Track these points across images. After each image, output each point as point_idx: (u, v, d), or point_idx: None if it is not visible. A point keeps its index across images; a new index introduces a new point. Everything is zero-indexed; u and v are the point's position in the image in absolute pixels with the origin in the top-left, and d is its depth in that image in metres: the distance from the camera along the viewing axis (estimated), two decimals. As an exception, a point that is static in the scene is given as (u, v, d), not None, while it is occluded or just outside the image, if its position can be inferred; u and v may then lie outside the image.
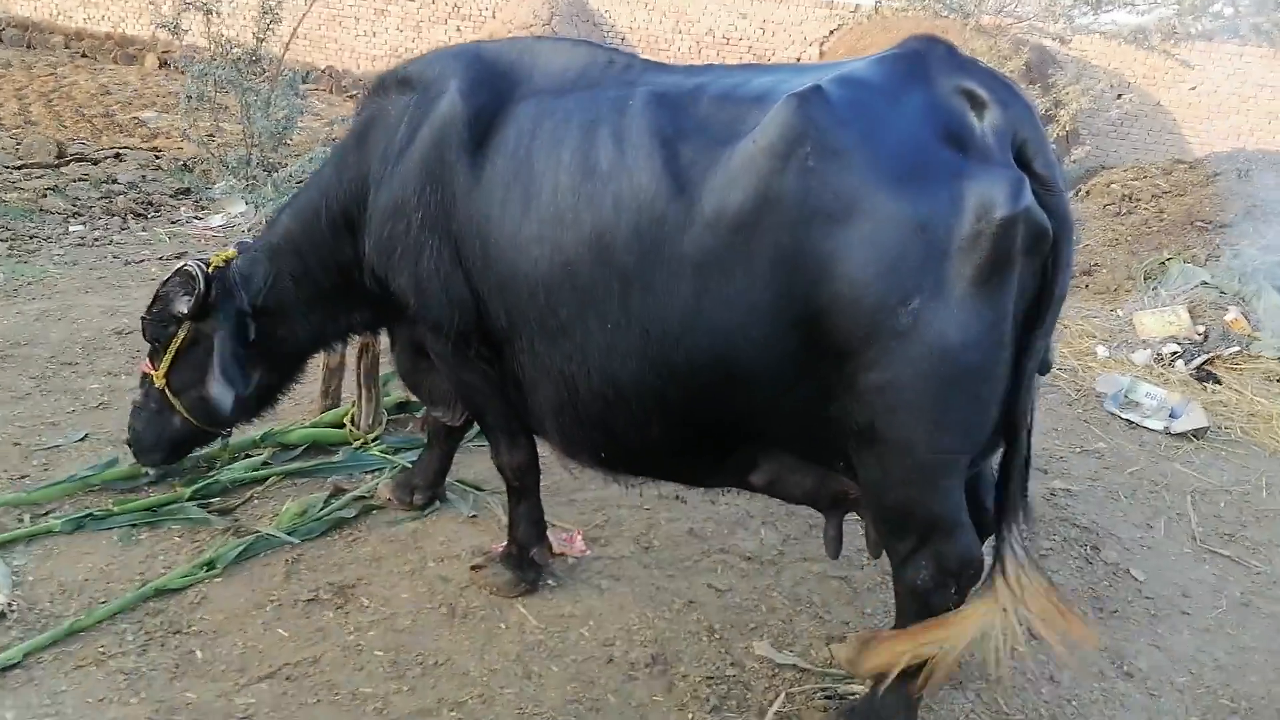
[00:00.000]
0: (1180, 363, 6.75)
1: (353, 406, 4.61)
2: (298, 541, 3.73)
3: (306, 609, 3.39)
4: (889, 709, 2.90)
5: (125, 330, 5.55)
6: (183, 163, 10.16)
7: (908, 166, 2.48)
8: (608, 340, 2.76)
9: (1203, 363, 6.71)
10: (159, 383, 3.57)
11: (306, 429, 4.57)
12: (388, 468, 4.36)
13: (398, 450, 4.52)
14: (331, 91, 18.06)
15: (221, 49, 8.61)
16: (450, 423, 3.84)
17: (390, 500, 4.08)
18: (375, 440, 4.58)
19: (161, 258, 7.25)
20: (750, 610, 3.64)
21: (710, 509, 4.24)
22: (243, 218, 8.49)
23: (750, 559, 3.95)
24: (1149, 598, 4.03)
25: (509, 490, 3.56)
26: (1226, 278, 7.59)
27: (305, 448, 4.50)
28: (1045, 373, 2.88)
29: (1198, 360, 6.73)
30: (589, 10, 17.93)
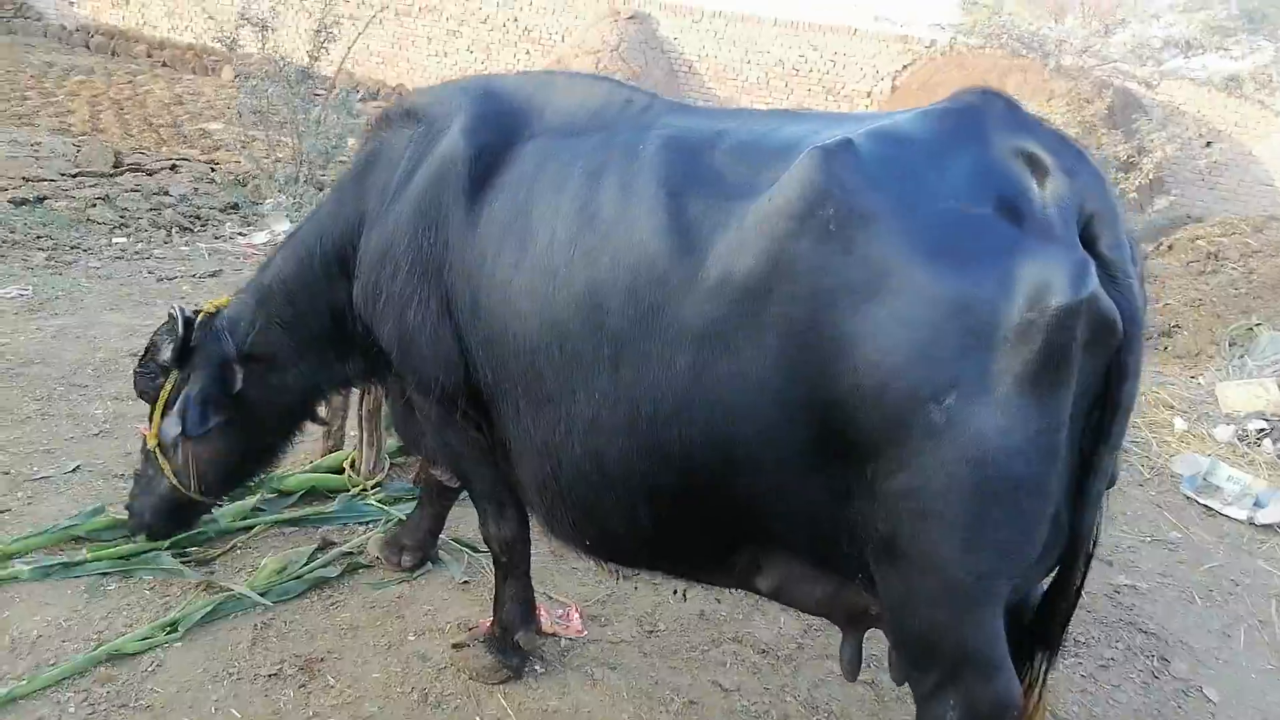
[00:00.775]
0: (1268, 442, 6.15)
1: (355, 450, 4.34)
2: (269, 604, 3.44)
3: (267, 685, 3.09)
4: None
5: (141, 352, 5.37)
6: (236, 177, 10.13)
7: (950, 238, 2.08)
8: (594, 413, 2.41)
9: (1293, 444, 6.11)
10: (150, 443, 3.30)
11: (305, 474, 4.30)
12: (383, 520, 4.07)
13: (397, 500, 4.23)
14: (398, 110, 18.12)
15: (275, 65, 8.53)
16: (449, 483, 3.53)
17: (378, 559, 3.79)
18: (375, 487, 4.29)
19: (195, 275, 7.13)
20: (759, 716, 3.24)
21: (725, 589, 3.84)
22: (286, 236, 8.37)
23: (765, 652, 3.55)
24: (1223, 727, 3.53)
25: (495, 564, 3.23)
26: (1322, 349, 6.96)
27: (301, 494, 4.23)
28: (1110, 487, 2.45)
29: (1287, 441, 6.12)
30: (658, 38, 17.76)
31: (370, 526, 4.05)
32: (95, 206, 8.41)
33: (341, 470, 4.34)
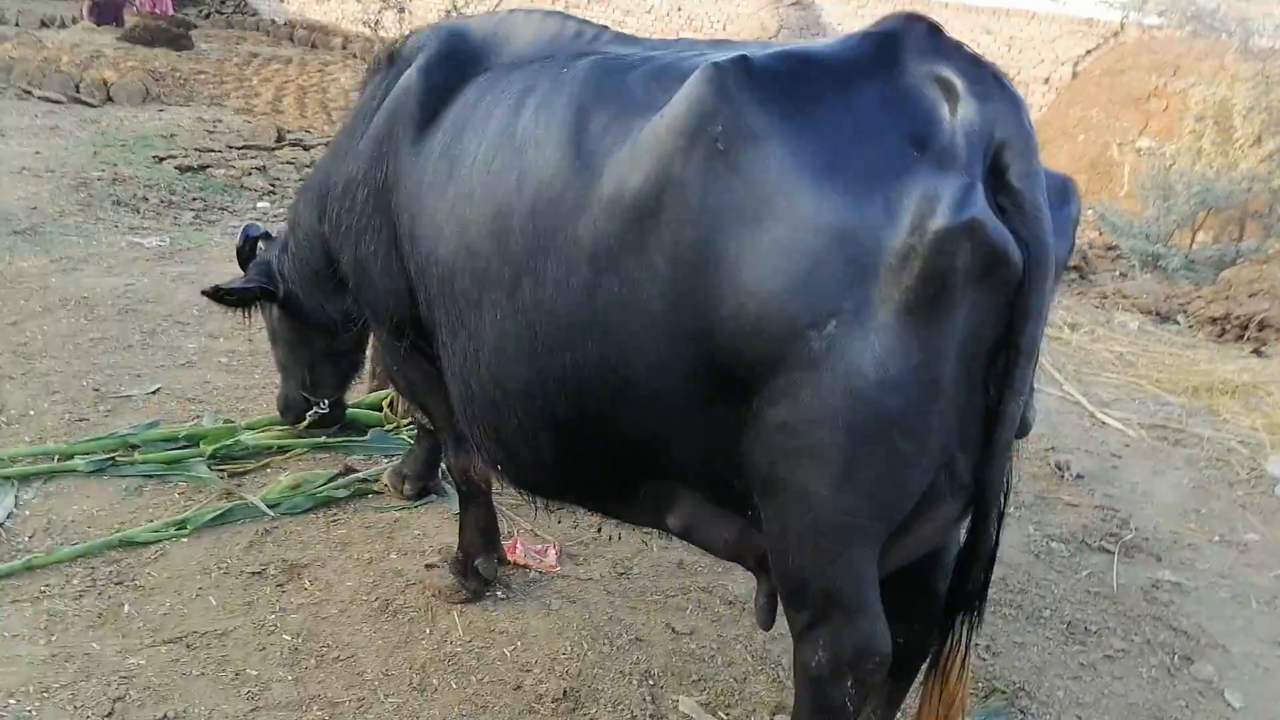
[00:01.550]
0: None
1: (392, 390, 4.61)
2: (274, 515, 3.75)
3: (247, 582, 3.38)
4: None
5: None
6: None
7: (841, 162, 1.98)
8: (496, 336, 2.47)
9: None
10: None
11: (346, 408, 4.62)
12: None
13: (425, 437, 4.46)
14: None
15: (412, 46, 9.04)
16: (418, 416, 3.70)
17: (388, 487, 4.03)
18: (409, 425, 4.55)
19: (317, 236, 7.71)
20: (703, 660, 3.23)
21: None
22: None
23: (732, 604, 3.52)
24: (1234, 732, 3.21)
25: (458, 493, 3.37)
26: None
27: (340, 425, 4.54)
28: (1022, 436, 2.29)
29: None
30: (821, 24, 17.43)
31: (393, 459, 4.30)
32: (250, 175, 9.23)
33: (380, 408, 4.63)
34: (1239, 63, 11.32)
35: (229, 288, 3.87)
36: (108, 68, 12.50)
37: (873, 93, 2.07)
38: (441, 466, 4.00)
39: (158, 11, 19.05)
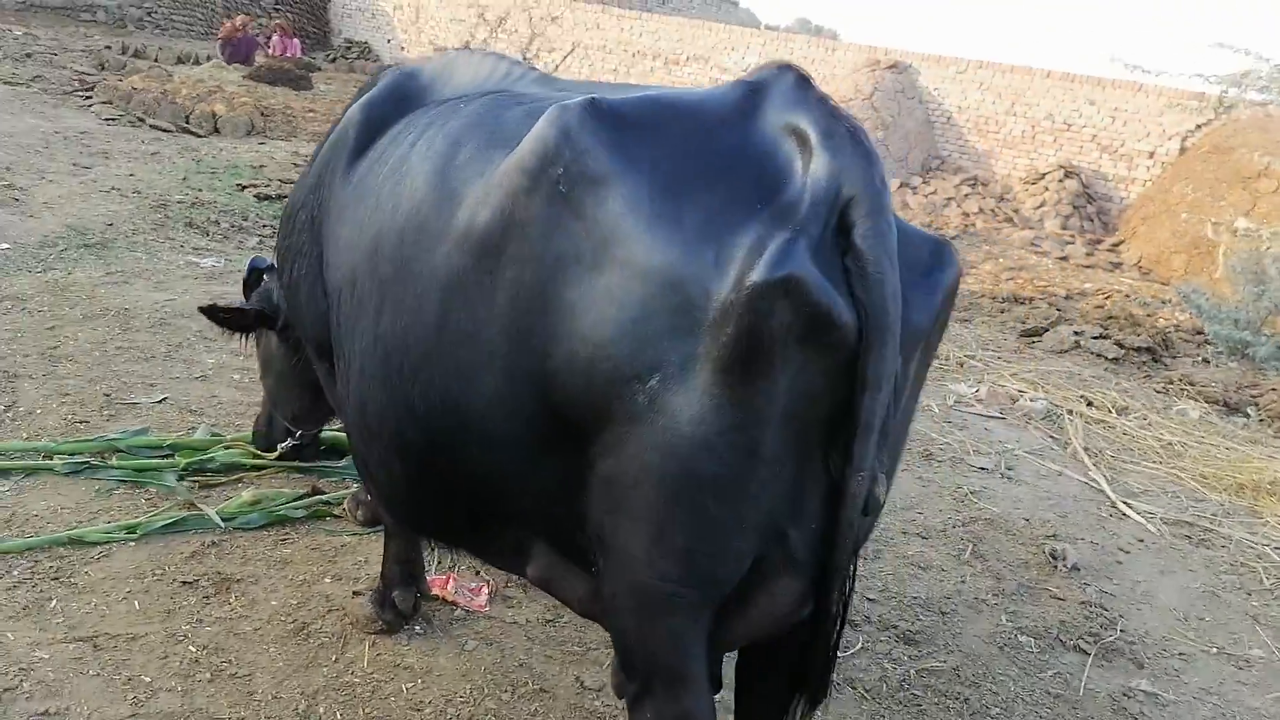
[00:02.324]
0: None
1: (376, 418, 4.68)
2: (225, 528, 3.83)
3: (176, 590, 3.45)
4: None
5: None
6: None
7: (681, 211, 1.94)
8: (362, 363, 2.50)
9: None
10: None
11: (332, 431, 4.71)
12: (375, 482, 4.37)
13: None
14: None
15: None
16: None
17: (345, 512, 4.07)
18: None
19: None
20: (601, 717, 3.12)
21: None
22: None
23: (653, 664, 3.40)
24: None
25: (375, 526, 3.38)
26: None
27: (323, 448, 4.63)
28: (870, 514, 2.13)
29: None
30: (918, 88, 17.25)
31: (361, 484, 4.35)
32: (324, 206, 9.62)
33: (363, 434, 4.70)
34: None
35: (225, 307, 4.00)
36: (221, 102, 13.30)
37: (729, 141, 2.03)
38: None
39: (288, 55, 20.26)
